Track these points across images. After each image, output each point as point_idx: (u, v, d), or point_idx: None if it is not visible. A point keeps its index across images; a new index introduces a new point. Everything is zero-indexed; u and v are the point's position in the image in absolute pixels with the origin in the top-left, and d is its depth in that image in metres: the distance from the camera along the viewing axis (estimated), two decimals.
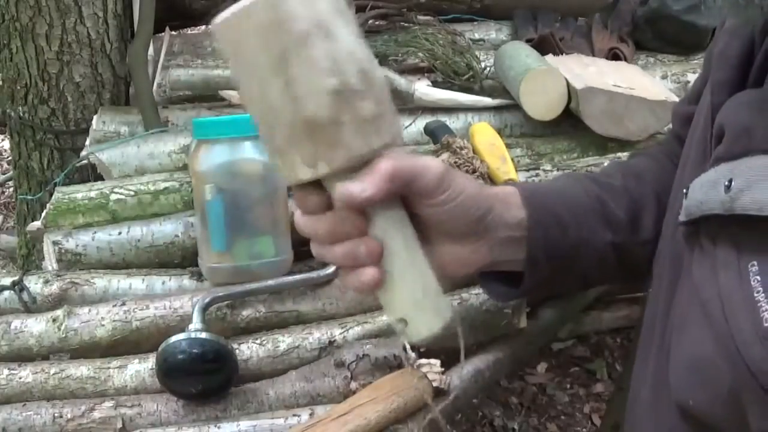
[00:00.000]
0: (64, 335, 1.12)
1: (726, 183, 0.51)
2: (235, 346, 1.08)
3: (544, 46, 1.67)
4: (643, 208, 0.76)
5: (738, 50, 0.59)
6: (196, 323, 1.05)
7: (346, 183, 0.55)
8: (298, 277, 1.16)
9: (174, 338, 1.01)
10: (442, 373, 1.06)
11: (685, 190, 0.57)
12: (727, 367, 0.50)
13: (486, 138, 1.42)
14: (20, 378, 1.07)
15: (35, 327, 1.13)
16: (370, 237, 0.57)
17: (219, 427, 0.99)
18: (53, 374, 1.08)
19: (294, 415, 1.00)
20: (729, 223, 0.51)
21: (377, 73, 0.55)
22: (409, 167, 0.57)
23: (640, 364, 0.69)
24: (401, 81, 1.55)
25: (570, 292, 1.10)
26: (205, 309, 1.09)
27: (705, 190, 0.54)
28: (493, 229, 0.66)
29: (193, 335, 1.02)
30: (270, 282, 1.15)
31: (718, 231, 0.53)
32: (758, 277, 0.49)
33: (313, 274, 1.16)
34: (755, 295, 0.48)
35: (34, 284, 1.20)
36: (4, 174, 3.10)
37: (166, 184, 1.34)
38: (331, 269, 1.16)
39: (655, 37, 1.79)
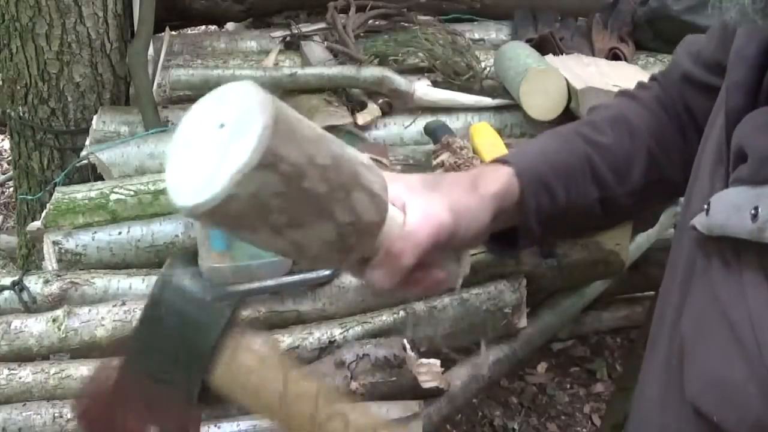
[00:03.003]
0: (64, 335, 1.12)
1: (752, 211, 0.50)
2: None
3: (544, 46, 1.67)
4: (632, 162, 0.78)
5: (755, 52, 0.58)
6: None
7: (374, 276, 0.60)
8: (298, 277, 1.16)
9: None
10: (442, 373, 1.07)
11: (706, 206, 0.56)
12: (756, 392, 0.49)
13: (486, 138, 1.42)
14: (20, 378, 1.07)
15: (35, 327, 1.13)
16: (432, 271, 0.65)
17: (219, 427, 0.99)
18: (53, 374, 1.08)
19: None
20: (756, 246, 0.50)
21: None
22: (424, 243, 0.61)
23: (649, 359, 0.68)
24: (401, 81, 1.55)
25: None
26: None
27: (728, 214, 0.53)
28: (501, 215, 0.73)
29: None
30: (270, 282, 1.15)
31: (743, 250, 0.52)
32: None
33: (313, 274, 1.16)
34: None
35: (34, 284, 1.20)
36: (4, 174, 3.09)
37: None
38: (331, 269, 1.16)
39: (655, 37, 1.79)
